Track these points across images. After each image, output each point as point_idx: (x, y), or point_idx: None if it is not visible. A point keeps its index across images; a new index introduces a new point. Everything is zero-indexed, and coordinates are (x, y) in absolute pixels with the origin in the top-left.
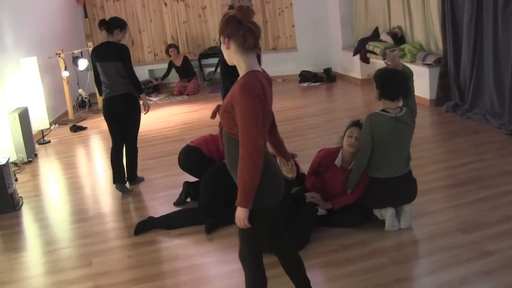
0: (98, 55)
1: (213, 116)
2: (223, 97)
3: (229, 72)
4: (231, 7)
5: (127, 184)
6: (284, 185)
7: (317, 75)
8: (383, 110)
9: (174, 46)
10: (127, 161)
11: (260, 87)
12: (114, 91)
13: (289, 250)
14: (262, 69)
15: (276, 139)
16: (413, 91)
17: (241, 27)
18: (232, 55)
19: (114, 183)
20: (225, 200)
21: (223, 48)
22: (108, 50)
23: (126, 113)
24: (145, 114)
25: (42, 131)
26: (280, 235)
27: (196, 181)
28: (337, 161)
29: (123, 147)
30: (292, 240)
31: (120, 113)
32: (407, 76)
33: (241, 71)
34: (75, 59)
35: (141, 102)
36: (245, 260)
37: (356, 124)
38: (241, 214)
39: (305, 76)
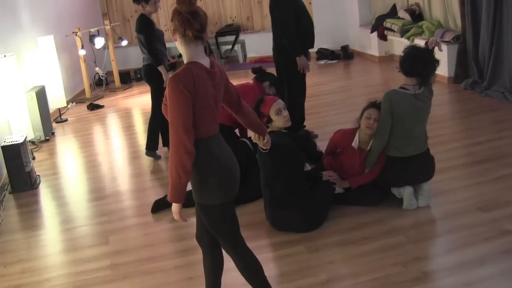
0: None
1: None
2: (276, 73)
3: (282, 49)
4: None
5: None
6: (238, 181)
7: (334, 52)
8: (401, 88)
9: None
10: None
11: (190, 81)
12: (143, 60)
13: (215, 246)
14: (211, 60)
15: (248, 120)
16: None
17: (179, 18)
18: (179, 46)
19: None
20: (242, 177)
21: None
22: (136, 22)
23: (148, 83)
24: (164, 86)
25: (59, 109)
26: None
27: None
28: (354, 143)
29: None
30: (307, 218)
31: (146, 82)
32: (427, 62)
33: (185, 62)
34: (92, 38)
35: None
36: (226, 250)
37: (374, 105)
38: (173, 208)
39: (323, 54)
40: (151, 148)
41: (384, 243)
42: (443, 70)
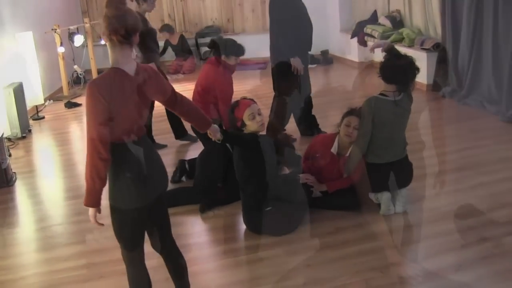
0: None
1: None
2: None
3: (278, 50)
4: None
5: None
6: (156, 188)
7: (313, 56)
8: (381, 94)
9: (167, 29)
10: None
11: (107, 88)
12: (136, 57)
13: (172, 253)
14: (138, 65)
15: (187, 116)
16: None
17: (106, 21)
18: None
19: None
20: (221, 179)
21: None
22: None
23: None
24: None
25: (36, 106)
26: (162, 237)
27: (193, 158)
28: (334, 148)
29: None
30: (282, 220)
31: None
32: (407, 69)
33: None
34: (71, 35)
35: None
36: (122, 257)
37: (354, 112)
38: (89, 212)
39: None
40: (179, 136)
41: (361, 248)
42: (422, 77)
